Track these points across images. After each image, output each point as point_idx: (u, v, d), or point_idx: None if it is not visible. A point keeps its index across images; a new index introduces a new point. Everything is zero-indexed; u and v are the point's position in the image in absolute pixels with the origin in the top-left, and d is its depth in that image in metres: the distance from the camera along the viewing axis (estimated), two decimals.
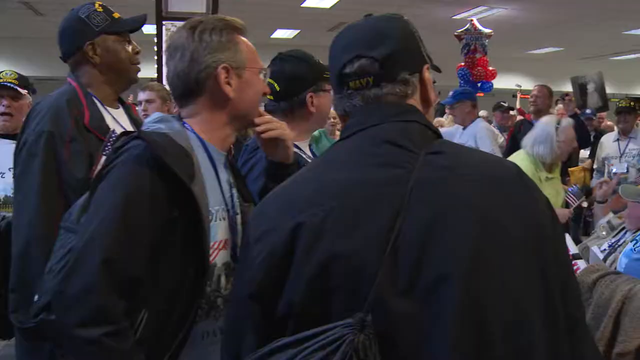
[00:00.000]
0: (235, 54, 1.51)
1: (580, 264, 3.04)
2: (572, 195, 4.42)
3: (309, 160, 2.00)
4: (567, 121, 4.04)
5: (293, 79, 2.12)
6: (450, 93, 5.44)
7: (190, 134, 1.49)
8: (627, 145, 5.61)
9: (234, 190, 1.61)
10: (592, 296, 1.87)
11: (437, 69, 1.28)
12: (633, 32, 13.32)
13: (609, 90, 6.82)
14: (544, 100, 5.49)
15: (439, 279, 0.93)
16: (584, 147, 6.23)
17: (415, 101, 1.17)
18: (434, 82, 1.21)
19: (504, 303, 0.94)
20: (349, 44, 1.17)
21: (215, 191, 1.50)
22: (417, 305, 0.93)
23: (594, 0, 10.15)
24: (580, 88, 6.47)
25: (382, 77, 1.13)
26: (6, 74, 3.31)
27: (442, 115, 8.78)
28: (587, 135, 5.69)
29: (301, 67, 2.13)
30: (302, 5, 11.14)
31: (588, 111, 6.62)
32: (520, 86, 11.75)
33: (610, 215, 3.52)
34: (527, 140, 4.00)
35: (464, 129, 5.34)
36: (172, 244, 1.36)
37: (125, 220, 1.31)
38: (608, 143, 5.83)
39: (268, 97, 1.77)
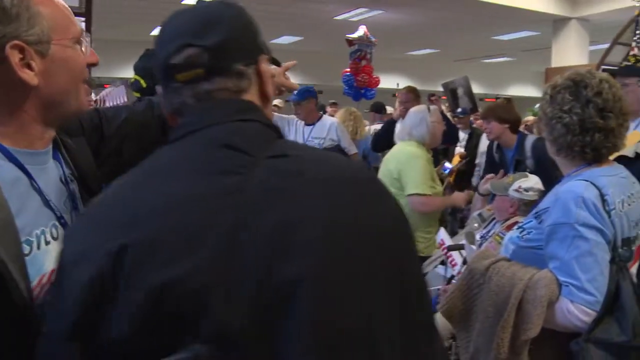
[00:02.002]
0: (30, 24, 1.06)
1: (455, 256, 3.21)
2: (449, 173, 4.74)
3: None
4: (434, 107, 4.22)
5: (145, 75, 2.03)
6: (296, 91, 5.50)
7: None
8: (496, 145, 5.96)
9: (75, 186, 1.26)
10: (485, 281, 1.90)
11: (276, 63, 1.16)
12: (501, 37, 14.16)
13: (481, 90, 7.21)
14: (412, 104, 5.66)
15: (285, 297, 0.81)
16: (452, 143, 6.52)
17: (252, 96, 1.03)
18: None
19: (356, 316, 0.85)
20: (176, 31, 1.01)
21: (33, 207, 1.09)
22: (264, 328, 0.81)
23: (467, 8, 10.70)
24: (452, 93, 6.81)
25: (213, 69, 0.98)
26: None
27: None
28: (454, 131, 5.95)
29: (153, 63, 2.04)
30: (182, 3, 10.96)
31: (459, 110, 6.99)
32: (398, 85, 12.06)
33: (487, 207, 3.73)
34: (403, 131, 4.07)
35: (307, 125, 5.43)
36: None
37: None
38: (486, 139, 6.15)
39: (134, 94, 1.55)
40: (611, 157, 2.02)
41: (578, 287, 1.75)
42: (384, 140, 5.46)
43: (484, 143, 6.07)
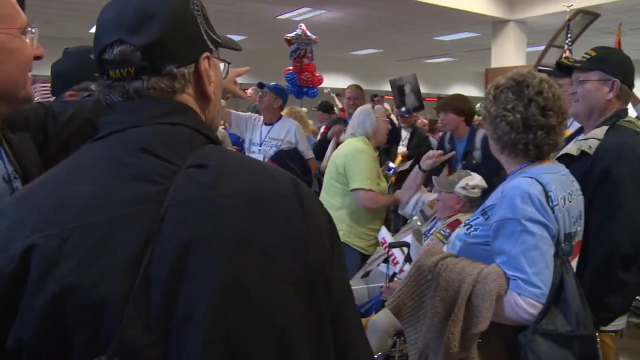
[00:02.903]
0: None
1: (396, 253, 3.24)
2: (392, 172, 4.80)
3: None
4: (379, 105, 4.26)
5: (55, 77, 1.95)
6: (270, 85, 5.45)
7: None
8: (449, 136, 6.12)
9: (18, 183, 1.25)
10: (433, 277, 1.92)
11: (225, 60, 1.11)
12: (442, 38, 14.40)
13: (423, 90, 7.31)
14: (361, 101, 5.73)
15: (188, 315, 0.79)
16: (394, 143, 6.59)
17: (188, 96, 0.99)
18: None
19: (265, 338, 0.83)
20: (111, 23, 0.95)
21: None
22: (169, 346, 0.79)
23: (408, 8, 10.82)
24: (399, 89, 6.88)
25: (145, 68, 0.93)
26: None
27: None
28: (397, 131, 6.01)
29: (62, 65, 1.95)
30: None
31: (403, 109, 7.07)
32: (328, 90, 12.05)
33: (417, 195, 3.78)
34: (349, 129, 4.09)
35: (266, 124, 5.34)
36: None
37: None
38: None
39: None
40: (559, 154, 2.08)
41: (525, 281, 1.80)
42: (320, 153, 5.48)
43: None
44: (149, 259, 0.80)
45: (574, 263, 2.01)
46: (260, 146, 5.28)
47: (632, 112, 7.67)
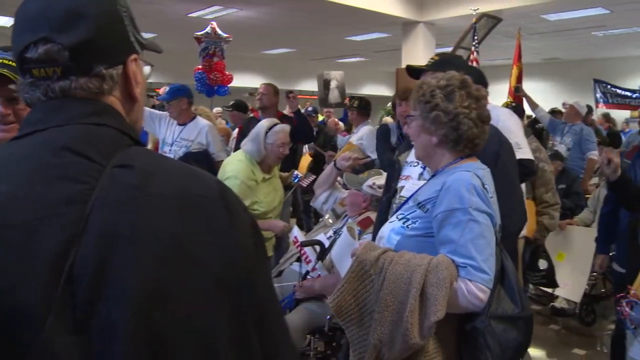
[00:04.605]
0: None
1: (308, 252, 3.26)
2: (298, 181, 4.84)
3: None
4: (281, 127, 4.07)
5: None
6: (167, 89, 5.35)
7: None
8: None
9: None
10: (377, 272, 1.94)
11: (149, 63, 1.10)
12: (354, 38, 14.58)
13: None
14: (270, 98, 5.69)
15: (113, 316, 0.77)
16: (307, 142, 6.63)
17: (114, 98, 0.98)
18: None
19: (188, 342, 0.81)
20: (35, 20, 0.92)
21: None
22: (92, 348, 0.77)
23: (320, 8, 10.88)
24: (325, 83, 6.99)
25: (73, 69, 0.92)
26: None
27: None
28: (309, 130, 6.05)
29: None
30: None
31: (310, 109, 7.17)
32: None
33: (329, 191, 3.80)
34: (246, 139, 4.07)
35: (179, 125, 5.28)
36: None
37: None
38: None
39: None
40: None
41: (475, 267, 1.87)
42: None
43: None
44: (72, 259, 0.77)
45: None
46: (171, 146, 5.19)
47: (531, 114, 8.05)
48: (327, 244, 3.23)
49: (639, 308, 2.23)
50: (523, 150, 2.99)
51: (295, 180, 4.89)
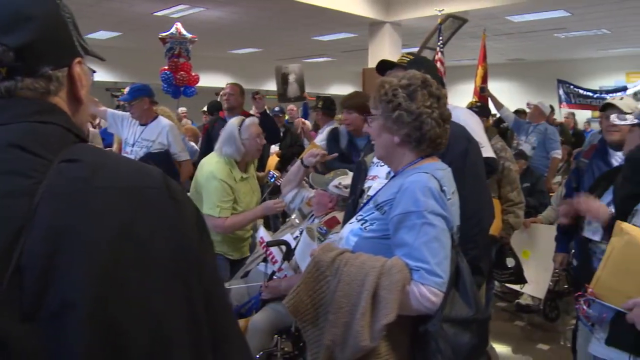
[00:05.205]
0: None
1: (275, 252, 3.25)
2: (274, 180, 4.83)
3: None
4: (250, 120, 4.08)
5: None
6: (127, 89, 5.30)
7: None
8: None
9: None
10: (333, 273, 1.95)
11: (91, 69, 1.11)
12: (321, 38, 14.60)
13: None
14: (237, 98, 5.66)
15: (64, 304, 0.78)
16: (274, 143, 6.60)
17: (60, 99, 1.00)
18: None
19: (142, 328, 0.83)
20: None
21: None
22: (44, 336, 0.78)
23: (287, 8, 10.88)
24: (283, 77, 6.95)
25: (19, 69, 0.93)
26: None
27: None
28: (276, 131, 6.04)
29: None
30: None
31: (276, 109, 7.14)
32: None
33: (296, 189, 3.80)
34: (218, 143, 4.04)
35: (141, 125, 5.22)
36: None
37: None
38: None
39: None
40: None
41: (428, 271, 1.86)
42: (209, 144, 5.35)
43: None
44: (21, 249, 0.79)
45: None
46: (132, 147, 5.14)
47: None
48: (293, 244, 3.22)
49: (596, 306, 2.27)
50: (485, 148, 3.03)
51: (272, 180, 4.88)
